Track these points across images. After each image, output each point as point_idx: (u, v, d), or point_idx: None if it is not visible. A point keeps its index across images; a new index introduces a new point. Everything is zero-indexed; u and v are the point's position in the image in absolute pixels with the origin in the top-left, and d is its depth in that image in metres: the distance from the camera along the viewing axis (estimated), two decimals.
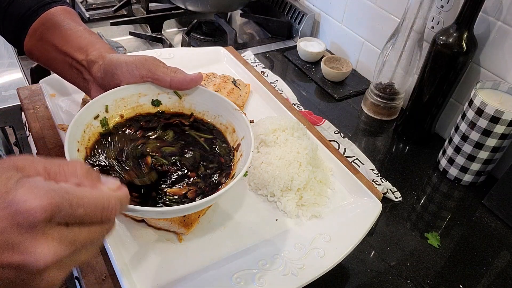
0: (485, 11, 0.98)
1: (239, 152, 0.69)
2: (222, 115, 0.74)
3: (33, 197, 0.34)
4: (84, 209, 0.38)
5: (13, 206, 0.34)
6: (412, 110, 1.13)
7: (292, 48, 1.50)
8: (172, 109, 0.74)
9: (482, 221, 0.96)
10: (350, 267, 0.83)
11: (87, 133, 0.65)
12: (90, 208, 0.38)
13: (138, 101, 0.72)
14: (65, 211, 0.36)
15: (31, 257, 0.35)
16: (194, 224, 0.76)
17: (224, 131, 0.74)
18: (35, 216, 0.34)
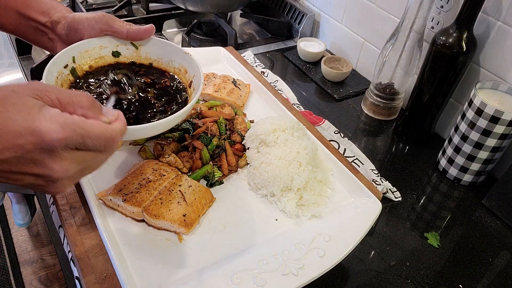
0: (485, 11, 0.98)
1: (192, 87, 0.81)
2: (175, 60, 0.84)
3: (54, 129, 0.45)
4: (91, 140, 0.48)
5: (38, 134, 0.45)
6: (412, 110, 1.13)
7: (292, 48, 1.50)
8: (130, 58, 0.84)
9: (482, 221, 0.96)
10: (350, 267, 0.83)
11: (59, 79, 0.74)
12: (96, 139, 0.49)
13: (100, 53, 0.80)
14: (77, 140, 0.47)
15: (49, 171, 0.47)
16: (194, 224, 0.76)
17: (178, 73, 0.85)
18: (54, 144, 0.45)
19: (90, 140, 0.48)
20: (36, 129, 0.45)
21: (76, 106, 0.50)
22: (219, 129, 0.93)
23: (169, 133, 0.92)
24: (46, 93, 0.48)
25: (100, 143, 0.49)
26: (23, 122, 0.45)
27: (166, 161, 0.85)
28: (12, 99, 0.46)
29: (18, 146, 0.44)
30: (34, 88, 0.48)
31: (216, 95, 1.03)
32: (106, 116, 0.52)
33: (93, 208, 0.74)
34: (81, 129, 0.47)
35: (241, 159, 0.91)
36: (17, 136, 0.44)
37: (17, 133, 0.44)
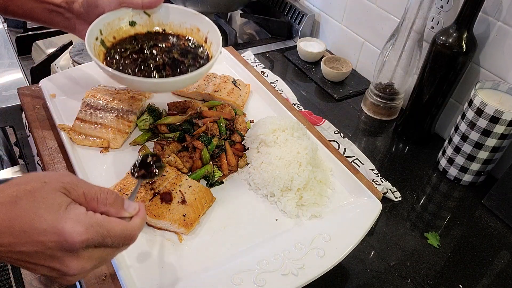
0: (485, 11, 0.98)
1: (208, 42, 0.90)
2: (185, 21, 0.92)
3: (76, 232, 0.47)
4: (111, 239, 0.50)
5: (61, 234, 0.46)
6: (412, 110, 1.13)
7: (292, 48, 1.50)
8: (145, 27, 0.91)
9: (482, 221, 0.96)
10: (350, 267, 0.83)
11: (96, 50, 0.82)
12: (116, 238, 0.51)
13: (119, 24, 0.88)
14: (97, 241, 0.49)
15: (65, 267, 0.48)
16: (194, 224, 0.76)
17: (191, 33, 0.93)
18: (75, 246, 0.47)
19: (110, 239, 0.50)
20: (61, 229, 0.46)
21: (100, 203, 0.52)
22: (219, 129, 0.93)
23: (169, 133, 0.92)
24: (75, 188, 0.51)
25: (119, 241, 0.51)
26: (50, 220, 0.46)
27: (166, 161, 0.85)
28: (43, 192, 0.48)
29: (41, 242, 0.46)
30: (64, 181, 0.50)
31: (216, 95, 1.03)
32: (128, 210, 0.55)
33: None
34: (104, 230, 0.49)
35: (241, 159, 0.91)
36: (41, 233, 0.46)
37: (42, 231, 0.46)
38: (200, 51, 0.90)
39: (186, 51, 0.89)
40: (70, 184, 0.50)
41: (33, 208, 0.47)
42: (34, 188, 0.48)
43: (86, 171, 0.83)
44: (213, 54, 0.87)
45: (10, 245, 0.46)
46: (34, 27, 1.43)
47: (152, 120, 0.94)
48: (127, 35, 0.89)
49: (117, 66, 0.83)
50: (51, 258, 0.47)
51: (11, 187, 0.48)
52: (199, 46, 0.91)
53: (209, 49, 0.90)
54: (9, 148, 1.42)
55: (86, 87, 0.99)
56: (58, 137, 0.90)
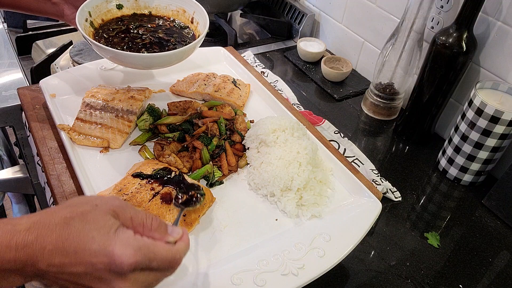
0: (485, 11, 0.98)
1: (195, 22, 0.95)
2: (171, 3, 0.97)
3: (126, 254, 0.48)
4: (157, 262, 0.51)
5: (111, 257, 0.47)
6: (412, 110, 1.13)
7: (292, 48, 1.50)
8: (132, 9, 0.96)
9: (482, 221, 0.96)
10: (350, 267, 0.83)
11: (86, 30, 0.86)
12: (162, 262, 0.52)
13: (107, 7, 0.92)
14: (144, 264, 0.50)
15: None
16: (194, 224, 0.76)
17: (176, 15, 0.97)
18: (124, 269, 0.48)
19: (156, 263, 0.51)
20: (111, 252, 0.48)
21: (146, 228, 0.53)
22: (219, 129, 0.93)
23: (169, 133, 0.92)
24: (124, 212, 0.52)
25: (165, 264, 0.52)
26: (100, 241, 0.48)
27: (166, 161, 0.85)
28: (94, 214, 0.49)
29: (91, 263, 0.47)
30: (114, 205, 0.52)
31: (216, 95, 1.03)
32: (172, 235, 0.56)
33: None
34: (150, 253, 0.50)
35: (241, 159, 0.91)
36: (92, 255, 0.47)
37: (93, 252, 0.47)
38: (186, 31, 0.95)
39: (172, 31, 0.94)
40: (119, 208, 0.52)
41: (84, 229, 0.48)
42: (86, 210, 0.49)
43: (86, 171, 0.83)
44: (200, 33, 0.91)
45: (61, 265, 0.47)
46: (34, 27, 1.43)
47: (152, 120, 0.94)
48: (114, 17, 0.94)
49: (106, 44, 0.85)
50: (99, 280, 0.48)
51: (64, 209, 0.49)
52: (185, 27, 0.96)
53: (195, 29, 0.94)
54: (9, 148, 1.42)
55: (86, 87, 0.99)
56: (58, 137, 0.90)
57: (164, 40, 0.90)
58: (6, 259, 0.46)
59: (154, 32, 0.92)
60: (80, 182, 0.79)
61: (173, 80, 1.10)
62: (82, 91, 0.98)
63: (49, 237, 0.47)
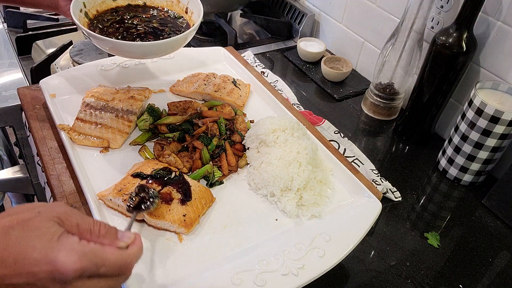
0: (485, 11, 0.98)
1: (189, 12, 0.95)
2: None
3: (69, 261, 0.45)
4: (106, 268, 0.48)
5: (53, 265, 0.44)
6: (412, 110, 1.13)
7: (292, 48, 1.50)
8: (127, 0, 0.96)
9: (482, 221, 0.96)
10: (350, 267, 0.83)
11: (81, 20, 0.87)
12: (111, 267, 0.49)
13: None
14: (91, 270, 0.47)
15: None
16: (194, 224, 0.76)
17: (171, 6, 0.98)
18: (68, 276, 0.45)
19: (104, 268, 0.48)
20: (53, 259, 0.45)
21: (93, 235, 0.51)
22: (219, 129, 0.93)
23: (169, 133, 0.92)
24: (69, 218, 0.49)
25: (114, 270, 0.50)
26: (41, 250, 0.45)
27: (166, 161, 0.85)
28: (35, 222, 0.46)
29: (32, 273, 0.45)
30: (58, 211, 0.49)
31: (216, 95, 1.03)
32: (122, 240, 0.53)
33: (93, 208, 0.74)
34: (98, 258, 0.48)
35: (241, 159, 0.91)
36: (33, 264, 0.44)
37: (34, 261, 0.44)
38: (180, 21, 0.95)
39: (167, 21, 0.94)
40: (64, 215, 0.49)
41: (25, 237, 0.45)
42: (27, 218, 0.47)
43: (86, 171, 0.83)
44: (194, 23, 0.91)
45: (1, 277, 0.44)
46: (34, 27, 1.43)
47: (152, 120, 0.94)
48: (109, 8, 0.94)
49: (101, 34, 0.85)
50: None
51: (4, 217, 0.47)
52: (179, 17, 0.96)
53: (189, 19, 0.95)
54: (9, 148, 1.42)
55: (86, 87, 0.99)
56: (58, 137, 0.90)
57: (158, 29, 0.91)
58: None
59: (148, 22, 0.93)
60: (80, 182, 0.79)
61: (173, 80, 1.10)
62: (82, 91, 0.98)
63: None
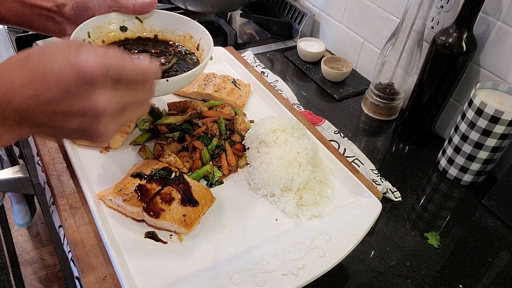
0: (485, 11, 0.98)
1: (200, 49, 0.90)
2: (178, 28, 0.92)
3: (92, 57, 0.46)
4: (129, 71, 0.49)
5: (76, 66, 0.46)
6: (412, 110, 1.13)
7: (292, 48, 1.50)
8: (136, 32, 0.91)
9: (482, 221, 0.96)
10: (350, 267, 0.83)
11: None
12: (135, 69, 0.50)
13: (109, 28, 0.87)
14: (116, 69, 0.48)
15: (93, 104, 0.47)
16: (194, 224, 0.76)
17: (183, 40, 0.93)
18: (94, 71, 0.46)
19: (128, 72, 0.50)
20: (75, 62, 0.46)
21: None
22: (219, 129, 0.93)
23: (169, 133, 0.92)
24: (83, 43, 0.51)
25: (137, 75, 0.51)
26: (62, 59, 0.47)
27: (166, 161, 0.85)
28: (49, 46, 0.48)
29: (60, 81, 0.46)
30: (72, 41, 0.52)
31: (216, 95, 1.03)
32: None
33: (93, 208, 0.74)
34: (119, 59, 0.49)
35: (241, 159, 0.91)
36: (58, 72, 0.46)
37: (58, 70, 0.46)
38: (190, 58, 0.90)
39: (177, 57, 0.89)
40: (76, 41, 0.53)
41: (44, 55, 0.47)
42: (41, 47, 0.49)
43: (86, 171, 0.83)
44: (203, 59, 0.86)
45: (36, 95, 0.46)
46: None
47: (152, 120, 0.94)
48: (116, 40, 0.88)
49: None
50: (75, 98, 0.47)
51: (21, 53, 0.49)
52: (190, 53, 0.91)
53: (200, 56, 0.90)
54: (9, 148, 1.42)
55: None
56: None
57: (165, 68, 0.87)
58: None
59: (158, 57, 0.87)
60: (80, 182, 0.79)
61: None
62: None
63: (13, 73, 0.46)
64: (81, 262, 0.69)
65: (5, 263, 1.78)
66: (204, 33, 0.88)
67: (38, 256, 2.02)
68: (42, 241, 2.09)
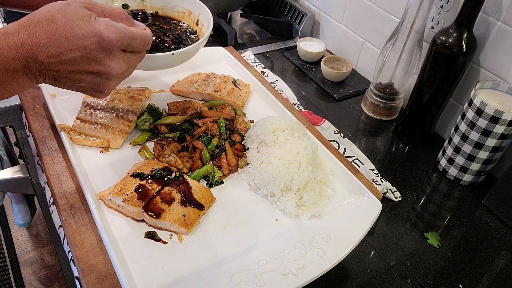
0: (485, 11, 0.98)
1: (200, 24, 0.95)
2: (178, 4, 0.97)
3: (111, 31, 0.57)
4: (135, 41, 0.62)
5: (99, 35, 0.56)
6: (412, 110, 1.13)
7: (292, 48, 1.50)
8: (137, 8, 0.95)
9: (482, 221, 0.96)
10: (350, 267, 0.83)
11: None
12: (139, 40, 0.62)
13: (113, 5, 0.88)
14: (127, 41, 0.60)
15: (108, 68, 0.58)
16: (194, 224, 0.76)
17: (182, 16, 0.97)
18: (113, 43, 0.57)
19: (135, 42, 0.61)
20: (98, 32, 0.55)
21: (117, 17, 0.62)
22: (219, 129, 0.93)
23: (169, 133, 0.92)
24: (94, 6, 0.60)
25: (140, 44, 0.63)
26: (86, 27, 0.55)
27: (166, 161, 0.85)
28: (71, 8, 0.56)
29: (83, 46, 0.55)
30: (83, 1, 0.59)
31: (216, 95, 1.03)
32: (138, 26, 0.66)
33: (93, 208, 0.74)
34: (130, 32, 0.60)
35: (241, 159, 0.91)
36: (82, 38, 0.55)
37: (82, 36, 0.55)
38: (190, 33, 0.95)
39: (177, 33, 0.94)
40: (89, 3, 0.59)
41: (68, 20, 0.54)
42: (62, 7, 0.56)
43: (86, 171, 0.83)
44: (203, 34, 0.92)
45: (58, 55, 0.54)
46: None
47: (152, 120, 0.94)
48: None
49: None
50: (93, 61, 0.56)
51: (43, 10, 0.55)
52: (190, 28, 0.96)
53: (200, 31, 0.95)
54: (9, 148, 1.42)
55: None
56: (58, 137, 0.90)
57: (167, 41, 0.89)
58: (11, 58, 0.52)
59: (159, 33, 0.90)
60: (80, 182, 0.79)
61: (173, 80, 1.10)
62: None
63: (40, 33, 0.53)
64: (81, 262, 0.69)
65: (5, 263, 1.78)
66: (203, 8, 0.93)
67: (38, 256, 2.02)
68: (42, 241, 2.09)
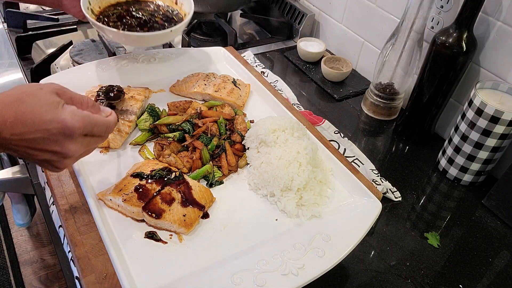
0: (485, 11, 0.98)
1: (179, 3, 1.09)
2: None
3: (75, 120, 0.61)
4: (97, 128, 0.66)
5: (63, 123, 0.60)
6: (412, 110, 1.13)
7: (292, 48, 1.50)
8: None
9: (482, 221, 0.96)
10: (350, 267, 0.83)
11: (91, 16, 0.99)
12: (100, 128, 0.66)
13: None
14: (89, 128, 0.64)
15: (65, 150, 0.62)
16: (194, 224, 0.76)
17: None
18: (75, 131, 0.61)
19: (97, 128, 0.65)
20: (63, 120, 0.60)
21: (84, 105, 0.67)
22: (219, 129, 0.93)
23: (169, 133, 0.92)
24: (64, 93, 0.64)
25: (102, 130, 0.67)
26: (52, 113, 0.59)
27: (166, 161, 0.85)
28: (42, 94, 0.60)
29: (47, 130, 0.59)
30: (56, 87, 0.63)
31: (216, 95, 1.03)
32: (104, 112, 0.70)
33: (93, 208, 0.74)
34: (92, 120, 0.64)
35: (241, 159, 0.91)
36: (46, 123, 0.59)
37: (47, 121, 0.59)
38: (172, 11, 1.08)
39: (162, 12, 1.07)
40: (60, 90, 0.64)
41: (37, 105, 0.59)
42: (34, 91, 0.60)
43: (86, 171, 0.83)
44: (186, 13, 1.04)
45: (22, 134, 0.58)
46: (34, 27, 1.43)
47: (152, 120, 0.94)
48: (109, 4, 1.07)
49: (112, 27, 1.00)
50: (54, 142, 0.60)
51: (14, 90, 0.60)
52: (171, 8, 1.09)
53: (180, 9, 1.08)
54: None
55: (86, 87, 0.99)
56: None
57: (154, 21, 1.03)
58: None
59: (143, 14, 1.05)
60: (80, 182, 0.79)
61: (173, 80, 1.10)
62: (82, 91, 0.97)
63: (8, 113, 0.57)
64: (81, 262, 0.69)
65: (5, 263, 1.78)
66: None
67: (38, 256, 2.02)
68: (42, 241, 2.09)
